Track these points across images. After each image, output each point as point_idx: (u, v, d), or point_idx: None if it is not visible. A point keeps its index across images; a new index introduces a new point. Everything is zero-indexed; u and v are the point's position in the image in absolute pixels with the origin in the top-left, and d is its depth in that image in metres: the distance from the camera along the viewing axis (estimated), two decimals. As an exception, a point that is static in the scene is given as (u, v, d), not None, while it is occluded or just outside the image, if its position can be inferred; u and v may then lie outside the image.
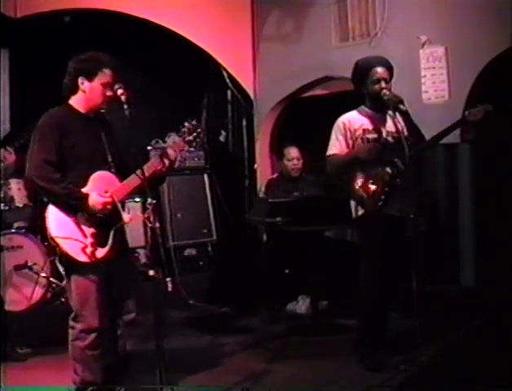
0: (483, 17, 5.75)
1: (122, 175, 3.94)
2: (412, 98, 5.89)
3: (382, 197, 4.61)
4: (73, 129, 3.91)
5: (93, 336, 3.90)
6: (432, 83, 6.06)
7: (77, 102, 3.98)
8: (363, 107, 4.82)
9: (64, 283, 5.65)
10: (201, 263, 7.04)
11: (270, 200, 5.91)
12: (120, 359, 4.11)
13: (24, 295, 5.56)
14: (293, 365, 4.88)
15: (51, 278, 5.64)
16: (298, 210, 5.70)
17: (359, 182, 4.65)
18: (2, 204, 5.66)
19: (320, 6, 6.85)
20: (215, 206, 7.17)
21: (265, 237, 6.45)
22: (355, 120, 4.76)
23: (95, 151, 3.94)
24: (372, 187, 4.63)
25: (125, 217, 3.90)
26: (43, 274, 5.58)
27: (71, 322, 3.95)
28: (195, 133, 4.04)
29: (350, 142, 4.72)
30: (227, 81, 7.42)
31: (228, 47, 7.29)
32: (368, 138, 4.71)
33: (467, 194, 6.01)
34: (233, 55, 7.36)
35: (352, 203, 4.76)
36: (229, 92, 7.58)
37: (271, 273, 6.31)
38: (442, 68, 6.01)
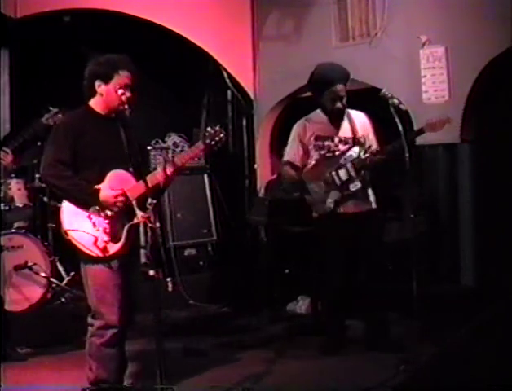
0: (483, 17, 5.75)
1: (141, 174, 3.94)
2: (412, 98, 5.89)
3: (330, 201, 4.69)
4: (90, 130, 3.97)
5: (110, 332, 3.94)
6: (432, 83, 6.06)
7: (95, 104, 4.02)
8: (319, 111, 4.89)
9: (66, 280, 5.78)
10: (201, 263, 7.03)
11: (270, 200, 5.92)
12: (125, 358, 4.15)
13: (24, 295, 5.57)
14: (293, 365, 4.89)
15: (51, 278, 5.64)
16: (298, 210, 5.71)
17: (310, 186, 4.80)
18: (2, 204, 5.66)
19: (320, 6, 6.85)
20: (215, 206, 7.16)
21: (265, 237, 6.45)
22: (308, 126, 4.92)
23: (114, 151, 3.96)
24: (321, 191, 4.73)
25: (140, 214, 3.90)
26: (43, 274, 5.58)
27: (89, 320, 4.01)
28: (217, 138, 4.04)
29: (301, 147, 4.91)
30: (227, 81, 7.42)
31: (228, 47, 7.29)
32: (319, 145, 4.86)
33: (467, 194, 6.01)
34: (233, 55, 7.36)
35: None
36: (229, 92, 7.58)
37: (271, 273, 6.31)
38: (442, 68, 6.00)
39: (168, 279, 6.15)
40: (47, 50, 6.49)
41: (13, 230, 5.70)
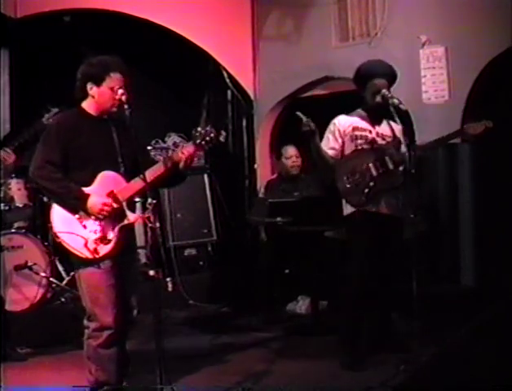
0: (483, 17, 5.76)
1: (132, 175, 3.95)
2: (412, 98, 5.90)
3: (366, 190, 4.63)
4: (83, 131, 3.95)
5: (106, 334, 3.92)
6: (432, 83, 6.07)
7: (88, 105, 4.02)
8: (359, 110, 4.86)
9: (66, 280, 5.78)
10: (201, 263, 7.04)
11: (270, 200, 5.92)
12: (126, 358, 4.14)
13: (24, 295, 5.57)
14: (293, 365, 4.89)
15: (51, 278, 5.64)
16: (298, 210, 5.71)
17: (345, 174, 4.69)
18: (2, 204, 5.66)
19: (320, 6, 6.86)
20: (215, 206, 7.17)
21: (265, 237, 6.45)
22: (346, 120, 4.83)
23: (105, 152, 3.96)
24: (356, 180, 4.66)
25: (131, 216, 3.92)
26: (43, 274, 5.59)
27: (85, 322, 4.00)
28: (208, 138, 4.03)
29: (340, 139, 4.77)
30: (227, 81, 7.43)
31: (228, 47, 7.30)
32: (356, 136, 4.76)
33: (467, 194, 6.02)
34: (233, 55, 7.36)
35: (343, 200, 4.78)
36: (229, 92, 7.59)
37: (271, 273, 6.31)
38: (442, 68, 6.01)
39: (168, 279, 6.18)
40: (47, 50, 6.49)
41: (13, 230, 5.71)
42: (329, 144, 4.77)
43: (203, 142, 4.03)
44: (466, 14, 5.86)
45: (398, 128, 4.75)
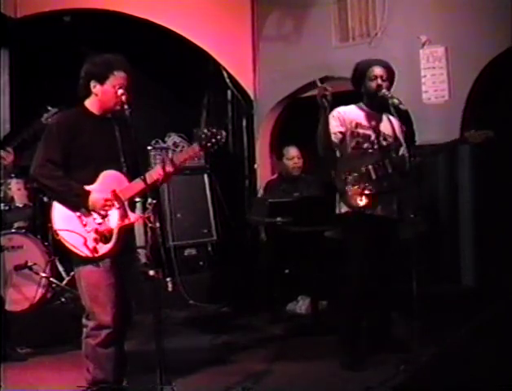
0: (483, 17, 5.76)
1: (134, 175, 3.95)
2: (412, 98, 5.90)
3: (363, 193, 4.62)
4: (85, 130, 3.96)
5: (104, 333, 3.93)
6: (432, 83, 6.07)
7: (90, 104, 4.02)
8: (361, 103, 4.84)
9: (66, 280, 5.78)
10: (201, 263, 7.03)
11: (270, 200, 5.92)
12: (124, 357, 4.14)
13: (24, 295, 5.57)
14: (293, 365, 4.89)
15: (51, 278, 5.65)
16: (298, 210, 5.71)
17: (344, 172, 4.66)
18: (2, 204, 5.66)
19: (320, 6, 6.86)
20: (215, 206, 7.17)
21: (265, 237, 6.45)
22: (350, 112, 4.79)
23: (108, 151, 3.96)
24: (355, 180, 4.64)
25: (131, 216, 3.92)
26: (43, 274, 5.59)
27: (84, 321, 4.01)
28: (213, 140, 4.01)
29: (344, 127, 4.72)
30: (227, 81, 7.43)
31: (228, 47, 7.30)
32: (359, 133, 4.73)
33: (467, 194, 6.01)
34: (233, 55, 7.36)
35: (337, 198, 4.77)
36: (229, 92, 7.59)
37: (271, 273, 6.31)
38: (442, 68, 6.01)
39: (168, 279, 6.17)
40: (47, 50, 6.49)
41: (13, 230, 5.71)
42: (333, 129, 4.69)
43: (209, 144, 4.01)
44: (466, 14, 5.86)
45: (397, 124, 4.74)
